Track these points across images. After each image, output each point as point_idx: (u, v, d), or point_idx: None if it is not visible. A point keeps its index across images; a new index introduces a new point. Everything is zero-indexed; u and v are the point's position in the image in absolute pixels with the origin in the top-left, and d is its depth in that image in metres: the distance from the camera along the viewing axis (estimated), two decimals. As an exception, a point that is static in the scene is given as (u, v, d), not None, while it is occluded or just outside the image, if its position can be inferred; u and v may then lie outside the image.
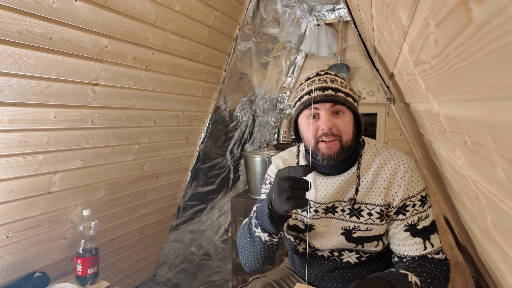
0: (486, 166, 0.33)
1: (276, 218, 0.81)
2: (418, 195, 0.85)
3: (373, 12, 0.68)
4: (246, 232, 0.91)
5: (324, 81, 0.85)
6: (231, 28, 1.82)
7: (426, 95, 0.49)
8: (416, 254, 0.84)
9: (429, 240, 0.84)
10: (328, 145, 0.82)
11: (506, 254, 0.45)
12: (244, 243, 0.92)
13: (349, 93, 0.85)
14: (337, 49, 2.11)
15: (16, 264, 1.24)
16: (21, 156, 1.10)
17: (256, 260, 0.91)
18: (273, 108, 2.43)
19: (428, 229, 0.85)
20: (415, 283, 0.73)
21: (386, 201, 0.86)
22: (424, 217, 0.85)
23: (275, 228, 0.82)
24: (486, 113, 0.27)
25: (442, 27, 0.28)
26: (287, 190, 0.72)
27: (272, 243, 0.87)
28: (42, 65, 1.03)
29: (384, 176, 0.86)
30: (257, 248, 0.88)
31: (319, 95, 0.82)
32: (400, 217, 0.86)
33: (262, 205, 0.85)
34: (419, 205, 0.85)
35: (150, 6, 1.28)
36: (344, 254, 0.93)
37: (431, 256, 0.84)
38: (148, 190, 1.76)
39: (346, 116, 0.84)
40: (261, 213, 0.84)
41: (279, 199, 0.74)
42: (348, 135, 0.84)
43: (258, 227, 0.86)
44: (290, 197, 0.72)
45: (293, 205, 0.71)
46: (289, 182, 0.72)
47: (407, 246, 0.85)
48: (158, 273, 2.16)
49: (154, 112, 1.55)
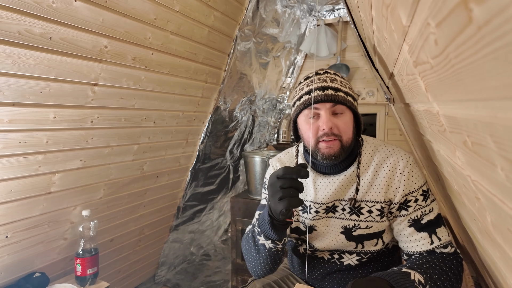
0: (486, 166, 0.33)
1: (277, 224, 0.80)
2: (420, 189, 0.85)
3: (373, 12, 0.68)
4: (250, 241, 0.90)
5: (324, 80, 0.84)
6: (230, 28, 1.82)
7: (426, 95, 0.49)
8: (423, 249, 0.83)
9: (435, 234, 0.83)
10: (329, 144, 0.82)
11: (506, 254, 0.45)
12: (249, 252, 0.90)
13: (349, 93, 0.85)
14: (336, 49, 2.11)
15: (16, 264, 1.24)
16: (20, 156, 1.10)
17: (263, 267, 0.89)
18: (273, 108, 2.43)
19: (433, 223, 0.83)
20: (418, 281, 0.71)
21: (387, 198, 0.86)
22: (428, 212, 0.84)
23: (277, 234, 0.82)
24: (486, 113, 0.27)
25: (442, 27, 0.28)
26: (279, 190, 0.72)
27: (276, 250, 0.86)
28: (41, 65, 1.03)
29: (384, 172, 0.86)
30: (262, 256, 0.87)
31: (319, 95, 0.81)
32: (403, 212, 0.85)
33: (264, 212, 0.84)
34: (421, 200, 0.84)
35: (150, 6, 1.28)
36: (344, 257, 0.92)
37: (439, 251, 0.82)
38: (148, 191, 1.76)
39: (347, 116, 0.84)
40: (263, 221, 0.83)
41: (273, 201, 0.74)
42: (348, 135, 0.84)
43: (261, 235, 0.85)
44: (283, 197, 0.72)
45: (286, 204, 0.71)
46: (281, 182, 0.72)
47: (414, 242, 0.84)
48: (158, 273, 2.16)
49: (153, 112, 1.54)
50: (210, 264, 2.34)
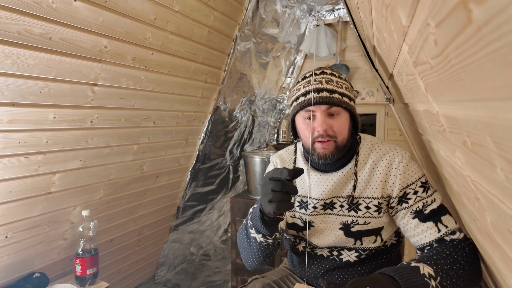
0: (485, 166, 0.33)
1: (267, 220, 0.82)
2: (418, 181, 0.85)
3: (373, 13, 0.68)
4: (243, 233, 0.92)
5: (319, 82, 0.85)
6: (230, 28, 1.82)
7: (425, 95, 0.49)
8: (432, 238, 0.81)
9: (441, 222, 0.81)
10: (324, 145, 0.84)
11: (505, 255, 0.45)
12: (242, 243, 0.93)
13: (344, 93, 0.85)
14: (336, 50, 2.11)
15: (15, 264, 1.24)
16: (20, 156, 1.10)
17: (254, 259, 0.92)
18: (273, 108, 2.43)
19: (436, 212, 0.82)
20: (428, 275, 0.69)
21: (385, 193, 0.86)
22: (430, 202, 0.83)
23: (268, 230, 0.83)
24: (486, 113, 0.27)
25: (442, 28, 0.28)
26: (270, 192, 0.72)
27: (267, 244, 0.88)
28: (41, 65, 1.03)
29: (380, 169, 0.87)
30: (253, 249, 0.90)
31: (314, 97, 0.83)
32: (404, 205, 0.85)
33: (256, 207, 0.86)
34: (421, 192, 0.84)
35: (150, 6, 1.28)
36: (343, 253, 0.93)
37: (449, 238, 0.79)
38: (148, 191, 1.76)
39: (342, 117, 0.85)
40: (255, 215, 0.85)
41: (263, 201, 0.75)
42: (344, 135, 0.85)
43: (252, 228, 0.87)
44: (272, 200, 0.72)
45: (274, 208, 0.72)
46: (273, 184, 0.73)
47: (421, 234, 0.83)
48: (158, 273, 2.16)
49: (153, 112, 1.54)
50: (210, 264, 2.34)
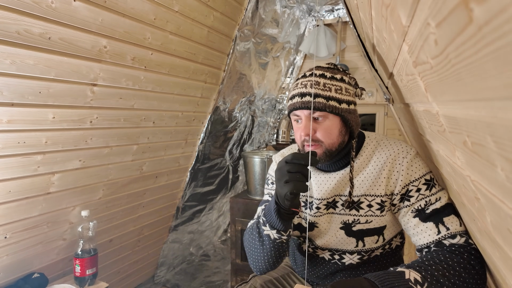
0: (486, 166, 0.33)
1: (283, 213, 0.81)
2: (421, 178, 0.81)
3: (372, 13, 0.68)
4: (254, 232, 0.89)
5: (304, 85, 0.83)
6: (230, 28, 1.82)
7: (425, 95, 0.49)
8: (430, 240, 0.77)
9: (442, 223, 0.76)
10: (312, 148, 0.83)
11: (505, 255, 0.45)
12: (252, 244, 0.89)
13: (332, 96, 0.81)
14: (336, 50, 2.12)
15: (15, 265, 1.24)
16: (19, 156, 1.10)
17: (266, 260, 0.88)
18: (272, 108, 2.43)
19: (439, 212, 0.78)
20: (414, 280, 0.65)
21: (389, 191, 0.84)
22: (434, 201, 0.79)
23: (283, 224, 0.82)
24: (487, 113, 0.27)
25: (442, 27, 0.28)
26: (286, 174, 0.74)
27: (281, 241, 0.85)
28: (40, 65, 1.03)
29: (384, 166, 0.85)
30: (266, 248, 0.86)
31: (297, 102, 0.82)
32: (406, 203, 0.83)
33: (270, 202, 0.85)
34: (424, 189, 0.81)
35: (149, 6, 1.28)
36: (345, 257, 0.92)
37: (448, 243, 0.75)
38: (147, 191, 1.75)
39: (327, 121, 0.82)
40: (269, 210, 0.84)
41: (279, 184, 0.76)
42: (331, 140, 0.83)
43: (266, 225, 0.85)
44: (289, 180, 0.73)
45: (291, 187, 0.72)
46: (289, 166, 0.74)
47: (420, 234, 0.79)
48: (157, 274, 2.16)
49: (153, 112, 1.54)
50: (210, 265, 2.34)
